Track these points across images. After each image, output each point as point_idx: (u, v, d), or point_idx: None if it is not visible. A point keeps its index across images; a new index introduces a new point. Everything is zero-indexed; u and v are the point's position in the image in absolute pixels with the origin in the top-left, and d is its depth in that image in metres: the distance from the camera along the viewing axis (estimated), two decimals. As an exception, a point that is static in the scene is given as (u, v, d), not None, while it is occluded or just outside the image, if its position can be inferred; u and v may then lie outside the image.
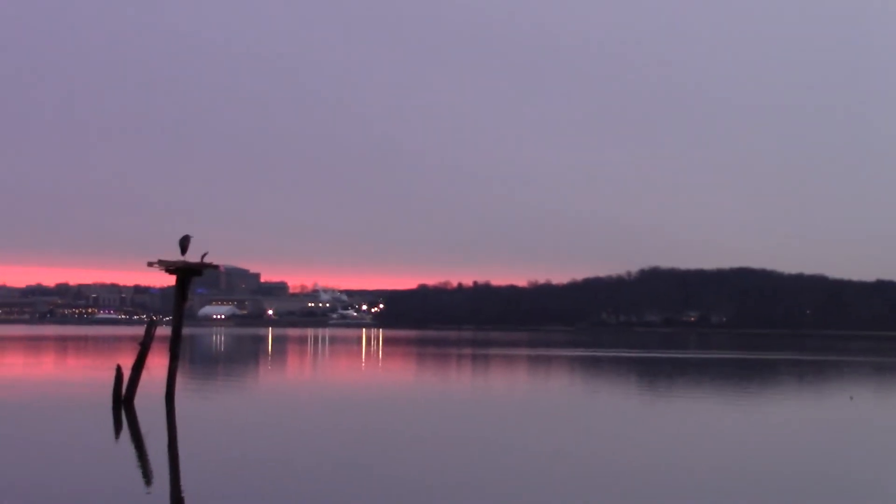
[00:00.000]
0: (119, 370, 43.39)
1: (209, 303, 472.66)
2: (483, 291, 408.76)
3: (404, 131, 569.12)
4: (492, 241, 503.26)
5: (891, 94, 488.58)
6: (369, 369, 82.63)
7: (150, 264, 45.43)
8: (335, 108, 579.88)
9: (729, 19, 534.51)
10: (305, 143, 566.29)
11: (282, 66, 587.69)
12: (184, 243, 45.08)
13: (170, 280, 46.79)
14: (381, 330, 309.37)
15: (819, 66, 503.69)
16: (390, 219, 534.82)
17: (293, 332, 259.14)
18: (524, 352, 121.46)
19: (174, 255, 45.29)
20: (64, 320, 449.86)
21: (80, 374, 68.47)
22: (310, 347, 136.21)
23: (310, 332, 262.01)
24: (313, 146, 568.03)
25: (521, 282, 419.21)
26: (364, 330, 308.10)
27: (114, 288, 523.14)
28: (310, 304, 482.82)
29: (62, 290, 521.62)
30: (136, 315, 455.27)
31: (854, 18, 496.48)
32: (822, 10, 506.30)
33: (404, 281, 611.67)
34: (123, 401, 42.49)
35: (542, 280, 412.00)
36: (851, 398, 52.47)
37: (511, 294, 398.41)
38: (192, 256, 45.38)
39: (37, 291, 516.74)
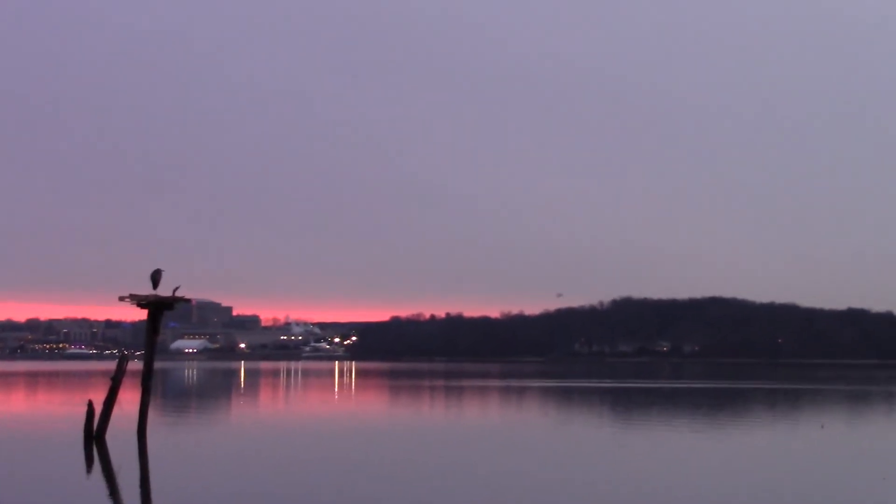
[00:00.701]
0: (90, 405, 43.29)
1: (181, 336, 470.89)
2: (455, 323, 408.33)
3: (375, 163, 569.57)
4: (464, 272, 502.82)
5: (866, 122, 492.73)
6: (342, 402, 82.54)
7: (122, 298, 45.42)
8: (305, 142, 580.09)
9: (708, 49, 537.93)
10: (275, 177, 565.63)
11: (266, 96, 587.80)
12: (155, 277, 45.12)
13: (141, 314, 46.79)
14: (353, 362, 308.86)
15: (791, 98, 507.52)
16: (362, 251, 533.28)
17: (266, 365, 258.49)
18: (496, 383, 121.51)
19: (146, 290, 45.30)
20: (35, 356, 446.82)
21: (52, 410, 68.17)
22: (283, 380, 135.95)
23: (282, 365, 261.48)
24: (282, 180, 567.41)
25: (494, 313, 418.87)
26: (337, 362, 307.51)
27: (85, 322, 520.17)
28: (282, 338, 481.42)
29: (33, 325, 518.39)
30: (108, 350, 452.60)
31: (837, 50, 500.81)
32: (799, 45, 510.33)
33: (377, 313, 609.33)
34: (95, 436, 42.37)
35: (514, 311, 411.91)
36: (822, 426, 52.75)
37: (484, 325, 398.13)
38: (164, 290, 45.40)
39: (6, 327, 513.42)
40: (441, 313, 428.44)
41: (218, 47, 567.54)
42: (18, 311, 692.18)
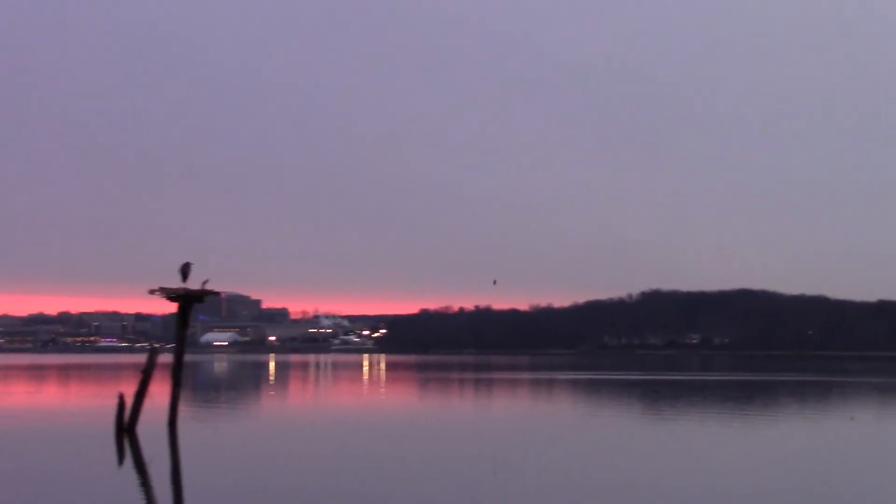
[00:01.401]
0: (121, 398, 43.49)
1: (211, 330, 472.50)
2: (484, 315, 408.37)
3: (402, 157, 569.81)
4: (492, 264, 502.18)
5: (894, 113, 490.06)
6: (372, 394, 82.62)
7: (152, 292, 45.60)
8: (335, 136, 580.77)
9: (734, 43, 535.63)
10: (305, 171, 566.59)
11: (284, 91, 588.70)
12: (185, 271, 45.27)
13: (171, 307, 46.95)
14: (382, 355, 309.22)
15: (820, 90, 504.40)
16: (391, 244, 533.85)
17: (295, 358, 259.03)
18: (525, 375, 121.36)
19: (175, 283, 45.48)
20: (66, 349, 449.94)
21: (83, 403, 68.51)
22: (312, 373, 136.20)
23: (312, 358, 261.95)
24: (312, 173, 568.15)
25: (523, 305, 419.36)
26: (366, 355, 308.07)
27: (115, 316, 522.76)
28: (311, 330, 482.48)
29: (64, 318, 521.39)
30: (138, 343, 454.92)
31: (858, 41, 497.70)
32: (825, 37, 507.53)
33: (405, 306, 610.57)
34: (126, 429, 42.58)
35: (543, 303, 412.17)
36: (852, 418, 52.51)
37: (512, 318, 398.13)
38: (194, 283, 45.56)
39: (39, 320, 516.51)
40: (470, 306, 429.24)
41: (243, 45, 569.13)
42: (50, 304, 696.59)
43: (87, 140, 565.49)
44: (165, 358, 53.28)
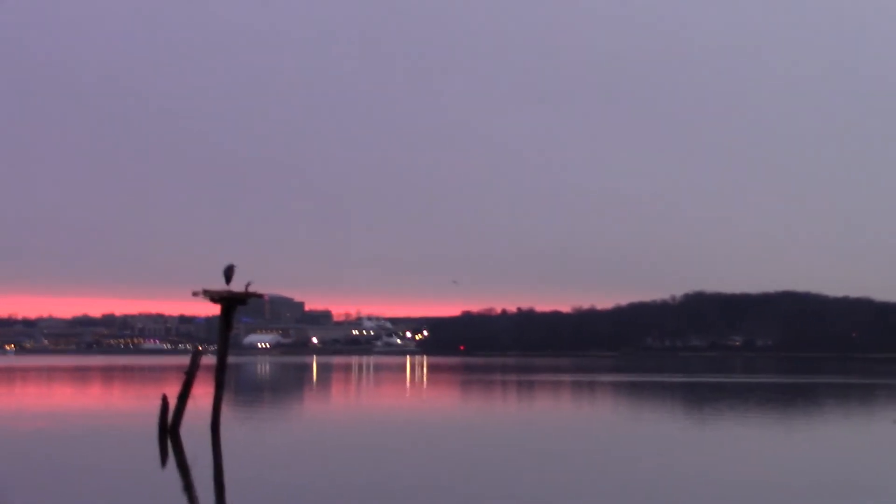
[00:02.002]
0: (165, 400, 43.78)
1: (254, 332, 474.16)
2: (527, 317, 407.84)
3: (447, 158, 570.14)
4: (535, 266, 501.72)
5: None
6: (414, 396, 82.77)
7: (195, 294, 45.84)
8: (379, 136, 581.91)
9: (768, 32, 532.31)
10: (348, 172, 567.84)
11: (325, 89, 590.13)
12: (228, 273, 45.49)
13: (214, 309, 47.24)
14: (425, 357, 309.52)
15: (864, 86, 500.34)
16: (433, 246, 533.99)
17: (338, 360, 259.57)
18: (568, 377, 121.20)
19: (219, 285, 45.70)
20: (110, 350, 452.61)
21: (127, 404, 69.02)
22: (354, 375, 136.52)
23: (354, 360, 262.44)
24: (355, 174, 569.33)
25: (565, 307, 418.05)
26: (408, 357, 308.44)
27: (159, 318, 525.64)
28: (354, 332, 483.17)
29: (108, 320, 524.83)
30: (182, 344, 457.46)
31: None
32: (865, 25, 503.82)
33: (448, 308, 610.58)
34: (169, 430, 42.87)
35: (586, 306, 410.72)
36: (895, 422, 52.17)
37: (555, 320, 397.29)
38: (237, 286, 45.77)
39: (83, 322, 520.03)
40: (512, 308, 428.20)
41: (301, 47, 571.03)
42: (94, 306, 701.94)
43: (131, 144, 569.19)
44: (209, 360, 53.61)
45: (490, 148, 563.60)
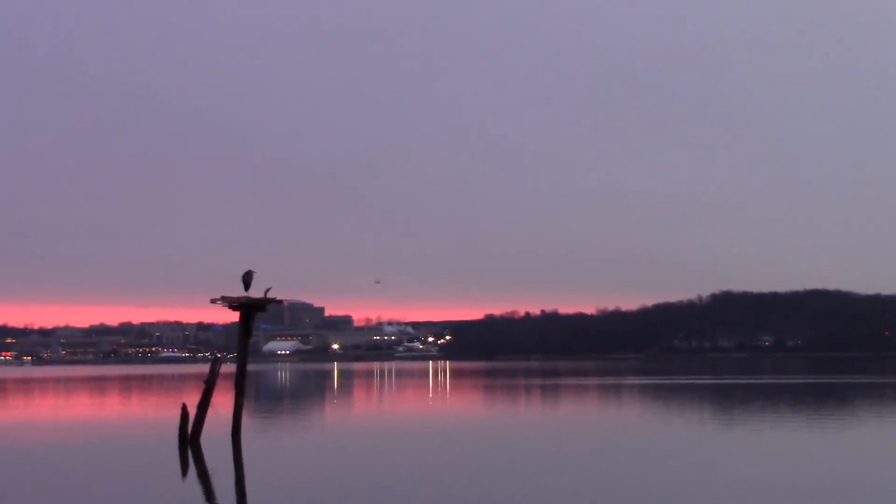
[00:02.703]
0: (184, 409, 43.86)
1: (273, 338, 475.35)
2: (551, 320, 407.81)
3: (467, 162, 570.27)
4: (559, 268, 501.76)
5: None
6: (437, 402, 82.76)
7: (213, 301, 45.88)
8: (400, 137, 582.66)
9: (790, 26, 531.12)
10: (367, 177, 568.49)
11: (342, 94, 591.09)
12: (247, 279, 45.54)
13: (233, 316, 47.28)
14: (447, 362, 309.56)
15: (888, 83, 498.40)
16: (454, 249, 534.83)
17: (359, 366, 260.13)
18: (593, 381, 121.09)
19: (237, 291, 45.76)
20: (128, 359, 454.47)
21: (146, 414, 69.17)
22: (376, 381, 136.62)
23: (375, 365, 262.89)
24: (374, 179, 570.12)
25: (590, 309, 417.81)
26: (431, 362, 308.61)
27: (177, 326, 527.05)
28: (375, 338, 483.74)
29: (125, 329, 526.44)
30: (200, 353, 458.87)
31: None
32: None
33: (470, 311, 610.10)
34: (189, 439, 42.94)
35: (610, 307, 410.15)
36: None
37: (579, 322, 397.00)
38: (256, 292, 45.84)
39: (100, 331, 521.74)
40: (536, 311, 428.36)
41: (305, 47, 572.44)
42: (111, 314, 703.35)
43: (146, 145, 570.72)
44: (228, 368, 53.69)
45: (512, 148, 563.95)
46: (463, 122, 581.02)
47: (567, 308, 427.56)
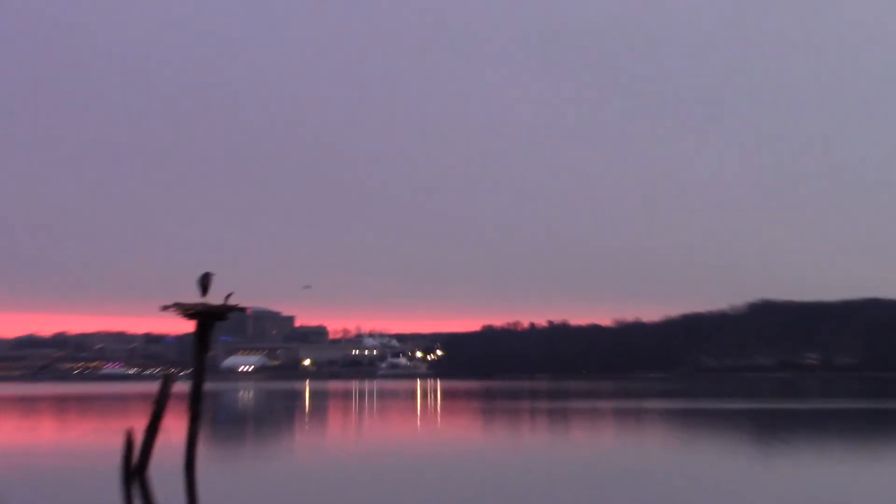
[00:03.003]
0: (130, 435, 43.78)
1: (235, 352, 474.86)
2: (560, 333, 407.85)
3: (464, 150, 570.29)
4: (569, 273, 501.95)
5: None
6: (425, 430, 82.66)
7: (165, 308, 45.86)
8: (388, 127, 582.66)
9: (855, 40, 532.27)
10: (344, 168, 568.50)
11: (329, 85, 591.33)
12: (204, 282, 45.48)
13: (188, 326, 47.21)
14: (438, 381, 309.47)
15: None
16: (446, 249, 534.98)
17: (335, 385, 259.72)
18: (610, 404, 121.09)
19: (193, 297, 45.72)
20: (63, 376, 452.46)
21: (84, 441, 69.03)
22: (354, 404, 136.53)
23: (354, 384, 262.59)
24: (354, 169, 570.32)
25: (605, 320, 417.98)
26: (419, 381, 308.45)
27: (121, 337, 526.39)
28: (354, 352, 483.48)
29: (60, 340, 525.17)
30: (149, 369, 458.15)
31: None
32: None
33: (465, 322, 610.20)
34: (135, 471, 42.85)
35: (629, 318, 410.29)
36: None
37: (593, 335, 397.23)
38: (215, 298, 45.77)
39: (30, 343, 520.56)
40: (542, 321, 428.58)
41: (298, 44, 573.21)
42: (43, 324, 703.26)
43: (87, 137, 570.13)
44: (181, 387, 53.56)
45: (513, 140, 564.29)
46: (464, 114, 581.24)
47: (579, 319, 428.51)
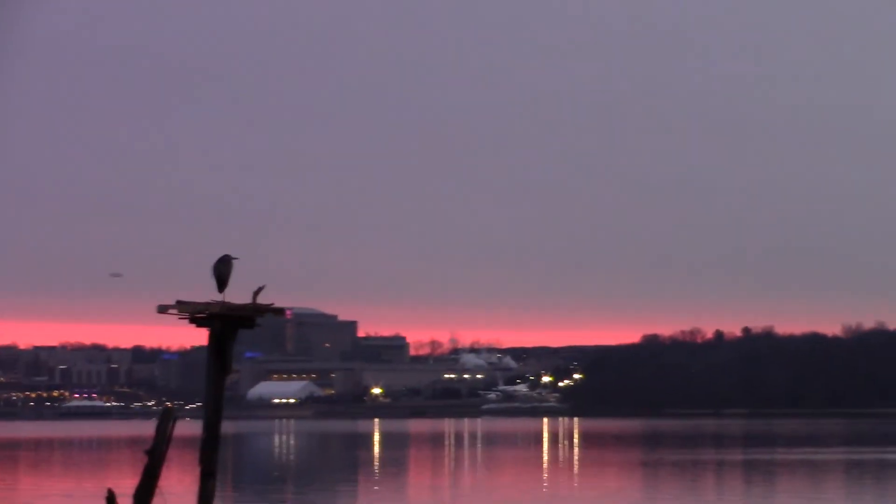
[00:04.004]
0: (111, 498, 44.24)
1: (268, 376, 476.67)
2: (760, 346, 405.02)
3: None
4: (775, 258, 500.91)
5: None
6: (559, 495, 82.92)
7: (163, 309, 46.01)
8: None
9: None
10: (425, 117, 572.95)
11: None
12: (223, 271, 45.47)
13: (198, 336, 47.74)
14: (576, 420, 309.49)
15: None
16: (584, 230, 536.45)
17: (418, 426, 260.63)
18: (843, 454, 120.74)
19: (205, 293, 45.90)
20: (13, 412, 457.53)
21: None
22: (448, 457, 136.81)
23: (448, 426, 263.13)
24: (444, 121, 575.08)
25: (829, 328, 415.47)
26: (546, 420, 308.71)
27: (97, 353, 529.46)
28: (447, 376, 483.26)
29: (9, 357, 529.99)
30: (138, 401, 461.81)
31: None
32: None
33: (617, 331, 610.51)
34: (122, 555, 43.39)
35: (867, 324, 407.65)
36: None
37: (811, 350, 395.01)
38: (238, 294, 45.99)
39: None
40: (734, 329, 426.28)
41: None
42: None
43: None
44: (188, 428, 54.15)
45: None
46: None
47: (788, 326, 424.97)
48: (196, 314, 45.79)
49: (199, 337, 47.22)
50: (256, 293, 46.41)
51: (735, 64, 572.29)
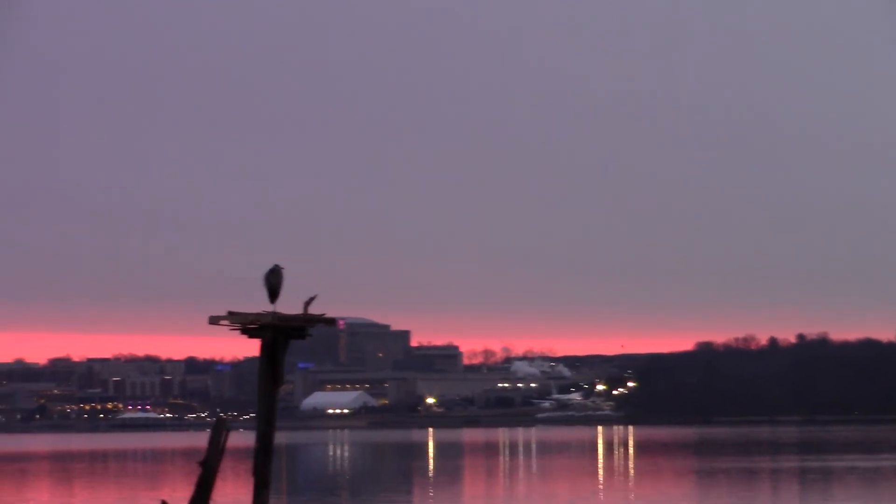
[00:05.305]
0: (165, 512, 44.29)
1: (321, 387, 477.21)
2: (816, 352, 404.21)
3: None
4: (829, 262, 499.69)
5: None
6: None
7: (215, 320, 46.07)
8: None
9: None
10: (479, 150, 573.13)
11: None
12: (274, 281, 45.61)
13: (250, 347, 47.70)
14: (631, 428, 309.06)
15: None
16: (639, 238, 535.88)
17: (472, 435, 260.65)
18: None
19: (257, 304, 45.99)
20: (65, 424, 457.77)
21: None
22: (503, 466, 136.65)
23: (502, 435, 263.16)
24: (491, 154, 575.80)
25: (886, 334, 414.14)
26: (601, 429, 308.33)
27: (151, 364, 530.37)
28: (501, 385, 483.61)
29: (60, 370, 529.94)
30: (191, 412, 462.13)
31: None
32: None
33: (671, 338, 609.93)
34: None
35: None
36: None
37: (869, 356, 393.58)
38: (290, 304, 46.03)
39: (18, 374, 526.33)
40: (789, 336, 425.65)
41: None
42: (37, 347, 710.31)
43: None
44: (241, 439, 54.11)
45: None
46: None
47: (846, 332, 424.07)
48: (248, 325, 45.87)
49: (251, 348, 47.40)
50: (308, 303, 46.45)
51: None
